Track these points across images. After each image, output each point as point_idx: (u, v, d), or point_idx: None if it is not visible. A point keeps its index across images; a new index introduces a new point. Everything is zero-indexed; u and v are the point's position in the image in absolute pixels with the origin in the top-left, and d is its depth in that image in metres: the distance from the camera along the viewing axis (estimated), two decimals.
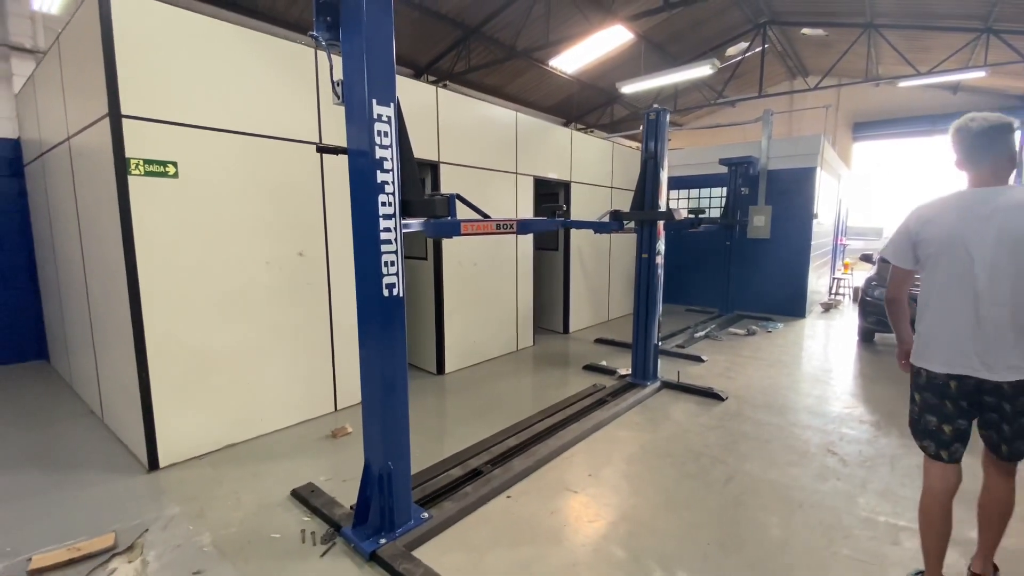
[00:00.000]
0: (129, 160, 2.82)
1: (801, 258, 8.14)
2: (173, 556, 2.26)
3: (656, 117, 4.41)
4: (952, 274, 1.83)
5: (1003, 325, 1.77)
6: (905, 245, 1.97)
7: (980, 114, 1.86)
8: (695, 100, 14.05)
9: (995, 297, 1.76)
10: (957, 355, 1.84)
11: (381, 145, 2.08)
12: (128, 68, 2.77)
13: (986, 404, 1.87)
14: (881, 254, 2.08)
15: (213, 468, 3.09)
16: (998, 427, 1.87)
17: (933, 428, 1.93)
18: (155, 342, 3.00)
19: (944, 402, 1.90)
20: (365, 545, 2.24)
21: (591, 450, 3.37)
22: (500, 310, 5.65)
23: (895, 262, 2.02)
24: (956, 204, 1.85)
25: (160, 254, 2.98)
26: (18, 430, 3.63)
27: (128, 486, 2.87)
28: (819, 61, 12.38)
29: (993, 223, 1.75)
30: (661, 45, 10.80)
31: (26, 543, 2.33)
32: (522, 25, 8.59)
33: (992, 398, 1.84)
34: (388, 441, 2.27)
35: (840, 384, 4.82)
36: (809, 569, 2.21)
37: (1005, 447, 1.88)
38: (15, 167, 5.05)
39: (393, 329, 2.23)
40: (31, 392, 4.45)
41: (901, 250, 1.98)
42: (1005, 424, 1.85)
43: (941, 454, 1.93)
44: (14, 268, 5.13)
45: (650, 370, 4.62)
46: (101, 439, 3.49)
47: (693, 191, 9.38)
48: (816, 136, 8.05)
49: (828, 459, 3.25)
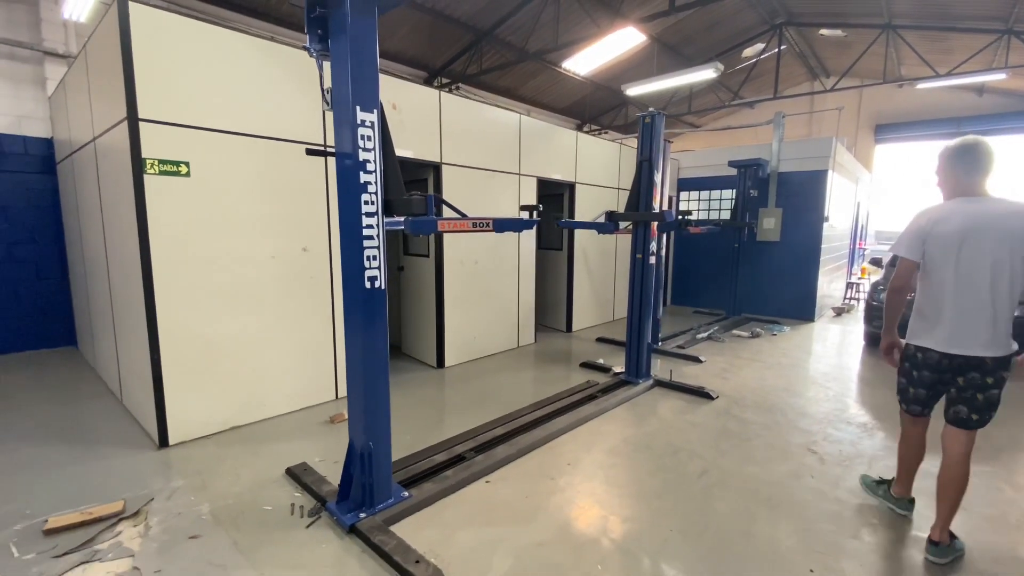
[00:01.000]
0: (145, 160, 3.07)
1: (811, 261, 8.08)
2: (173, 522, 2.48)
3: (652, 120, 4.50)
4: (959, 269, 2.18)
5: (997, 311, 2.14)
6: (917, 241, 2.29)
7: (972, 137, 2.25)
8: (711, 102, 13.96)
9: (994, 289, 2.13)
10: (958, 337, 2.20)
11: (364, 148, 2.24)
12: (145, 75, 3.01)
13: (969, 378, 2.23)
14: (892, 250, 2.40)
15: (217, 447, 3.31)
16: (972, 399, 2.23)
17: (921, 397, 2.41)
18: (167, 329, 3.24)
19: (933, 375, 2.32)
20: (346, 518, 2.42)
21: (574, 441, 3.49)
22: (501, 307, 5.80)
23: (907, 255, 2.32)
24: (961, 210, 2.20)
25: (173, 247, 3.22)
26: (45, 408, 3.93)
27: (139, 460, 3.11)
28: (840, 62, 12.18)
29: (991, 228, 2.12)
30: (675, 47, 10.80)
31: (44, 506, 2.58)
32: (532, 29, 8.72)
33: (976, 373, 2.21)
34: (369, 422, 2.44)
35: (836, 387, 4.83)
36: (764, 558, 2.30)
37: (976, 417, 2.24)
38: (48, 165, 5.42)
39: (375, 318, 2.40)
40: (59, 375, 4.78)
41: (914, 245, 2.30)
42: (979, 394, 2.22)
43: (924, 412, 2.47)
44: (47, 260, 5.50)
45: (643, 368, 4.71)
46: (118, 418, 3.76)
47: (704, 193, 9.38)
48: (828, 139, 7.98)
49: (807, 458, 3.31)
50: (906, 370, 2.44)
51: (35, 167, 5.35)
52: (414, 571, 2.06)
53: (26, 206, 5.32)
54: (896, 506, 2.65)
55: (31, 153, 5.30)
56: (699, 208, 9.51)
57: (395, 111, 4.38)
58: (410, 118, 4.53)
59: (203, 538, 2.36)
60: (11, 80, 5.12)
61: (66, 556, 2.20)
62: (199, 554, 2.24)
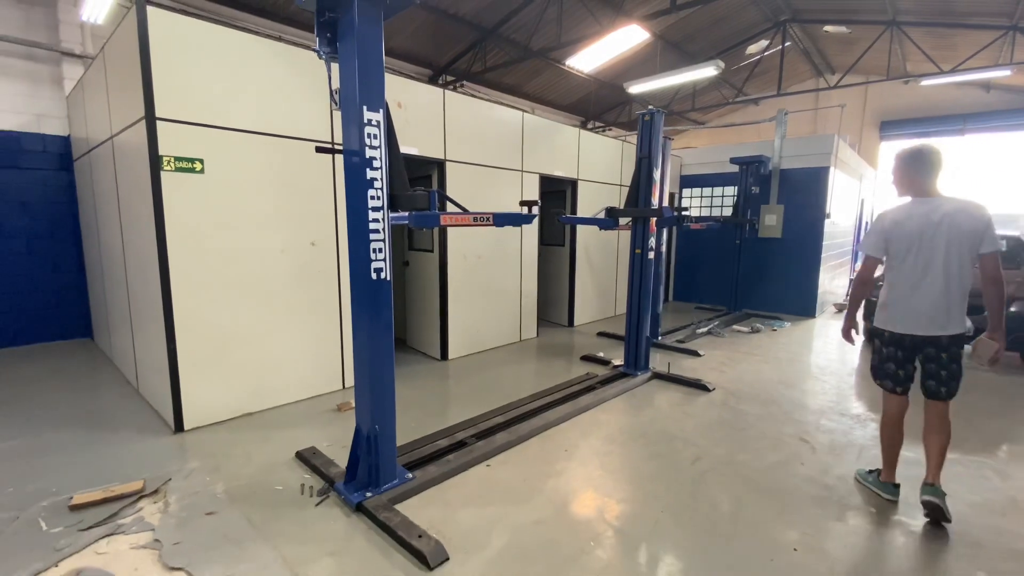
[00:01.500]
0: (162, 157, 3.20)
1: (812, 258, 8.14)
2: (191, 500, 2.62)
3: (651, 118, 4.60)
4: (916, 262, 2.52)
5: (950, 297, 2.47)
6: (879, 241, 2.64)
7: (924, 143, 2.59)
8: (715, 99, 13.98)
9: (946, 278, 2.46)
10: (915, 320, 2.55)
11: (371, 146, 2.36)
12: (162, 76, 3.15)
13: (927, 355, 2.60)
14: (860, 249, 2.65)
15: (230, 432, 3.46)
16: (937, 374, 2.58)
17: (891, 372, 2.72)
18: (182, 320, 3.39)
19: (899, 352, 2.66)
20: (353, 497, 2.55)
21: (572, 430, 3.61)
22: (504, 302, 5.92)
23: (871, 253, 2.69)
24: (916, 211, 2.53)
25: (188, 241, 3.36)
26: (66, 397, 4.10)
27: (156, 444, 3.27)
28: (845, 59, 12.18)
29: (943, 225, 2.45)
30: (678, 44, 10.84)
31: (69, 485, 2.73)
32: (536, 27, 8.80)
33: (932, 349, 2.57)
34: (375, 405, 2.57)
35: (832, 380, 4.92)
36: (750, 537, 2.41)
37: (944, 389, 2.58)
38: (66, 162, 5.59)
39: (380, 307, 2.52)
40: (76, 364, 4.95)
41: (877, 244, 2.66)
42: (943, 370, 2.57)
43: (896, 389, 2.73)
44: (64, 254, 5.68)
45: (641, 361, 4.82)
46: (135, 405, 3.92)
47: (707, 189, 9.45)
48: (829, 136, 8.02)
49: (799, 447, 3.41)
50: (877, 348, 2.79)
51: (53, 164, 5.52)
52: (417, 545, 2.18)
53: (44, 202, 5.49)
54: (882, 491, 2.77)
55: (49, 151, 5.47)
56: (701, 205, 9.58)
57: (400, 110, 4.50)
58: (415, 116, 4.65)
59: (218, 514, 2.50)
60: (30, 80, 5.28)
61: (91, 529, 2.35)
62: (215, 529, 2.39)
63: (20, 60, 5.20)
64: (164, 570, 2.10)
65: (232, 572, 2.10)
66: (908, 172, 2.57)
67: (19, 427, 3.49)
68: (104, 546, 2.24)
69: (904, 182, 2.61)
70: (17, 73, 5.21)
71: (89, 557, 2.16)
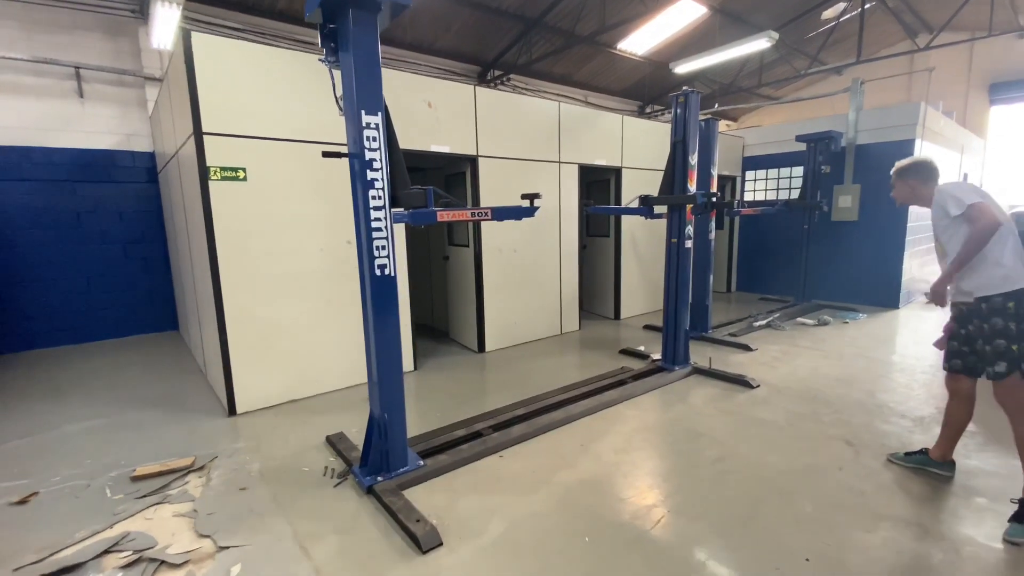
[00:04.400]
0: (209, 168, 3.55)
1: (895, 242, 7.35)
2: (229, 476, 2.92)
3: (685, 99, 4.37)
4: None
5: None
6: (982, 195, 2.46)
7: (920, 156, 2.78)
8: (786, 72, 12.89)
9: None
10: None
11: (370, 148, 2.48)
12: (207, 94, 3.47)
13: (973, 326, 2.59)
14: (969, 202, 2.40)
15: (275, 416, 3.79)
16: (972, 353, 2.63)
17: (954, 349, 2.72)
18: (232, 314, 3.74)
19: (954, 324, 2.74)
20: (365, 481, 2.71)
21: (593, 424, 3.56)
22: (542, 294, 5.92)
23: (986, 200, 2.41)
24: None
25: (235, 242, 3.70)
26: (146, 382, 4.67)
27: (212, 425, 3.65)
28: (942, 14, 10.71)
29: None
30: (740, 16, 10.10)
31: (137, 458, 3.14)
32: (580, 12, 8.60)
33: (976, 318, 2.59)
34: (384, 394, 2.70)
35: (901, 378, 4.44)
36: (760, 544, 2.27)
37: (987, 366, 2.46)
38: (152, 175, 6.33)
39: (386, 302, 2.65)
40: (162, 355, 5.62)
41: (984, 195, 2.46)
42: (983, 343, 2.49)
43: (955, 366, 2.69)
44: (153, 257, 6.44)
45: (680, 355, 4.63)
46: (203, 391, 4.39)
47: (772, 171, 8.80)
48: (915, 104, 7.14)
49: (841, 450, 3.14)
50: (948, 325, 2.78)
51: (142, 177, 6.26)
52: (413, 528, 2.29)
53: (136, 211, 6.26)
54: (939, 469, 2.76)
55: (138, 165, 6.21)
56: (767, 188, 8.94)
57: (431, 109, 4.62)
58: (446, 114, 4.75)
59: (249, 490, 2.77)
60: (121, 104, 6.02)
61: (144, 498, 2.69)
62: (244, 503, 2.64)
63: (112, 87, 5.94)
64: (195, 537, 2.36)
65: (250, 542, 2.32)
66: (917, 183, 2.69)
67: (107, 407, 4.05)
68: (152, 513, 2.56)
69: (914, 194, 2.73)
70: (110, 98, 5.95)
71: (138, 522, 2.48)
